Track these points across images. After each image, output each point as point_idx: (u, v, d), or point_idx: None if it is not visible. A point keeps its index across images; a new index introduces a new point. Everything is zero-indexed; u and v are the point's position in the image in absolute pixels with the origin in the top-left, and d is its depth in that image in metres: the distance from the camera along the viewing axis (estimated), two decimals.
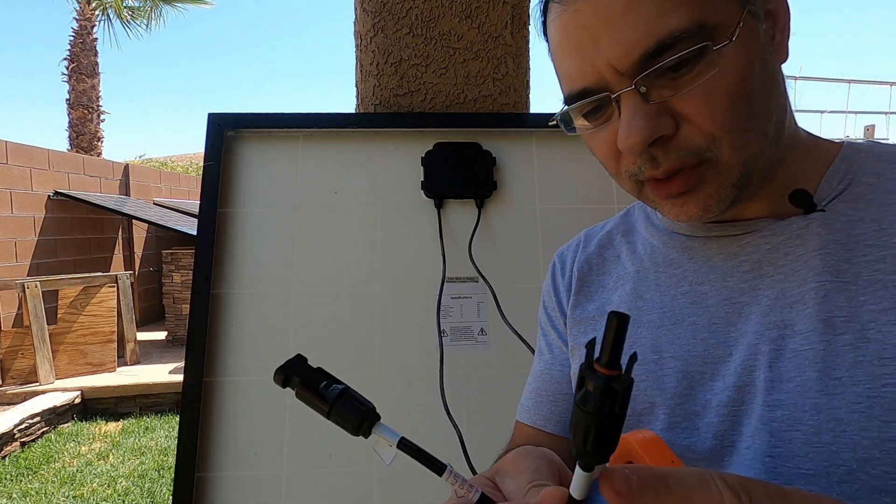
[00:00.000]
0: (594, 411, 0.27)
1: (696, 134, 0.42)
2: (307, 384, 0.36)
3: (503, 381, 1.06)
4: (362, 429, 0.35)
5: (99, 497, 3.04)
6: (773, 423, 0.42)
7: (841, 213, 0.45)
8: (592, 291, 0.59)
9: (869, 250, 0.43)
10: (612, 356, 0.27)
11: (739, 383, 0.44)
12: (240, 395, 1.03)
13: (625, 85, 0.42)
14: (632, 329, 0.53)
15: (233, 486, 1.00)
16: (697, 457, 0.45)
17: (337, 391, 0.36)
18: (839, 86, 6.00)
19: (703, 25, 0.40)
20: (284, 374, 0.36)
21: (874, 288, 0.41)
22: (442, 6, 1.15)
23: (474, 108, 1.18)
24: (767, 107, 0.43)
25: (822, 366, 0.41)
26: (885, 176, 0.45)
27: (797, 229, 0.46)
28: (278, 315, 1.07)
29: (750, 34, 0.42)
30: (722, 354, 0.46)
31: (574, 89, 0.45)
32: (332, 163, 1.13)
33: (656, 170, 0.44)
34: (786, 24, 0.46)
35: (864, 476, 0.38)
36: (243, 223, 1.10)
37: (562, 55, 0.46)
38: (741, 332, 0.46)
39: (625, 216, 0.62)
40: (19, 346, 4.27)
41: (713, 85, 0.41)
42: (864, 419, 0.39)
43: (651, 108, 0.42)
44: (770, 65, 0.44)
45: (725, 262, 0.49)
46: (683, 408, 0.47)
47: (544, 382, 0.62)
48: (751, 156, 0.43)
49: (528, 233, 1.12)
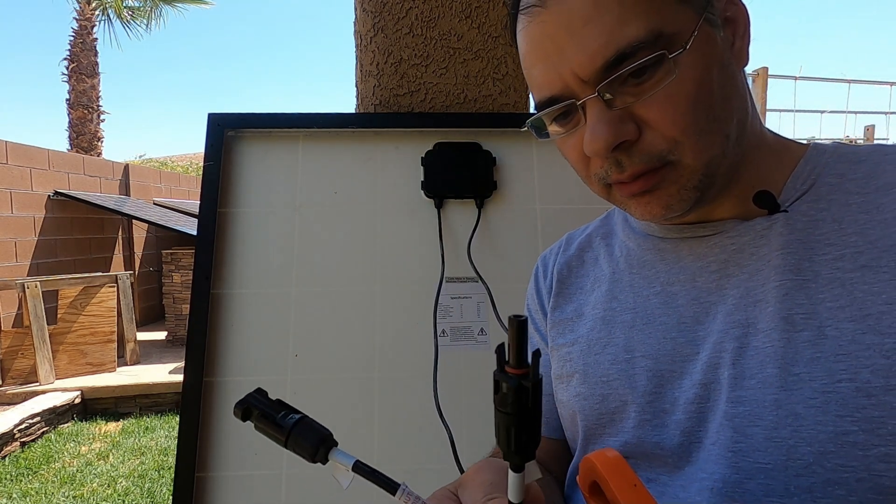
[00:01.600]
0: (512, 410, 0.29)
1: (658, 138, 0.44)
2: (265, 416, 0.36)
3: None
4: (318, 455, 0.36)
5: (99, 497, 3.04)
6: (735, 419, 0.43)
7: (803, 214, 0.46)
8: (571, 293, 0.61)
9: (829, 249, 0.44)
10: (517, 357, 0.29)
11: (705, 380, 0.46)
12: (240, 395, 1.02)
13: (588, 92, 0.44)
14: (606, 329, 0.54)
15: (233, 486, 1.00)
16: (666, 453, 0.47)
17: (293, 420, 0.36)
18: (839, 86, 5.99)
19: (660, 34, 0.41)
20: (243, 409, 0.37)
21: (832, 286, 0.43)
22: (442, 6, 1.15)
23: (474, 108, 1.18)
24: (728, 110, 0.45)
25: (782, 362, 0.42)
26: (847, 176, 0.47)
27: (761, 230, 0.47)
28: (278, 315, 1.07)
29: (707, 41, 0.43)
30: (690, 353, 0.48)
31: (543, 97, 0.47)
32: (332, 163, 1.13)
33: (622, 173, 0.45)
34: (745, 30, 0.47)
35: (820, 469, 0.40)
36: (243, 223, 1.10)
37: (530, 64, 0.47)
38: (708, 331, 0.47)
39: (605, 219, 0.64)
40: (19, 346, 4.27)
41: (672, 91, 0.42)
42: (820, 414, 0.40)
43: (614, 115, 0.43)
44: (729, 69, 0.45)
45: (695, 262, 0.50)
46: (653, 405, 0.49)
47: None
48: (712, 158, 0.44)
49: (527, 233, 1.12)
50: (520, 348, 0.29)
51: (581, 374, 0.55)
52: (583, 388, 0.54)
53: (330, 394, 1.04)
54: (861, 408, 0.39)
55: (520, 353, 0.29)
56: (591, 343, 0.55)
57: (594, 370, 0.53)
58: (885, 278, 0.41)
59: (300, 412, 0.36)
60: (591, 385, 0.53)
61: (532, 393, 0.29)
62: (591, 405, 0.53)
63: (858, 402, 0.39)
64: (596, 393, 0.53)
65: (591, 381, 0.53)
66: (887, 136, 7.27)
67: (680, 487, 0.45)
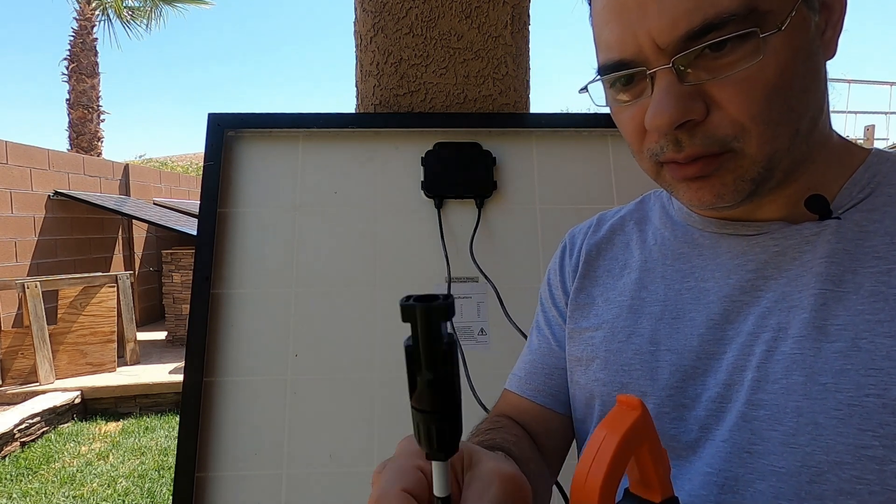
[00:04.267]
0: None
1: (725, 122, 0.41)
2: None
3: (503, 381, 1.06)
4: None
5: (99, 497, 3.04)
6: (754, 422, 0.43)
7: (855, 223, 0.44)
8: (598, 276, 0.59)
9: (877, 262, 0.42)
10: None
11: (729, 381, 0.45)
12: (240, 395, 1.03)
13: (663, 62, 0.41)
14: (633, 318, 0.53)
15: (233, 486, 1.00)
16: (682, 446, 0.47)
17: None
18: (839, 86, 5.99)
19: (754, 10, 0.38)
20: None
21: (874, 299, 0.41)
22: (442, 6, 1.15)
23: (474, 108, 1.18)
24: (804, 103, 0.42)
25: (810, 371, 0.41)
26: None
27: (809, 235, 0.45)
28: (278, 315, 1.07)
29: (801, 25, 0.40)
30: (716, 351, 0.47)
31: (610, 59, 0.44)
32: (332, 163, 1.13)
33: (678, 153, 0.43)
34: (839, 19, 0.44)
35: (834, 478, 0.39)
36: (243, 223, 1.10)
37: (604, 21, 0.44)
38: (737, 332, 0.46)
39: (640, 203, 0.62)
40: (19, 346, 4.27)
41: (752, 73, 0.39)
42: (841, 425, 0.39)
43: (684, 90, 0.41)
44: (815, 60, 0.42)
45: (732, 260, 0.49)
46: (673, 399, 0.48)
47: (541, 356, 0.62)
48: (777, 151, 0.42)
49: (528, 233, 1.12)
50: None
51: (602, 361, 0.54)
52: (602, 374, 0.53)
53: (330, 394, 1.04)
54: (885, 424, 0.38)
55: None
56: (616, 330, 0.54)
57: (616, 358, 0.52)
58: None
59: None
60: (612, 373, 0.52)
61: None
62: (610, 392, 0.52)
63: (884, 418, 0.38)
64: (616, 381, 0.52)
65: (612, 369, 0.52)
66: (887, 136, 7.26)
67: (686, 480, 0.45)
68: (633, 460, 0.34)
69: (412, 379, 0.29)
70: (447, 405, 0.29)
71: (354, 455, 1.02)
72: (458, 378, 0.29)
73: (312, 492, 1.01)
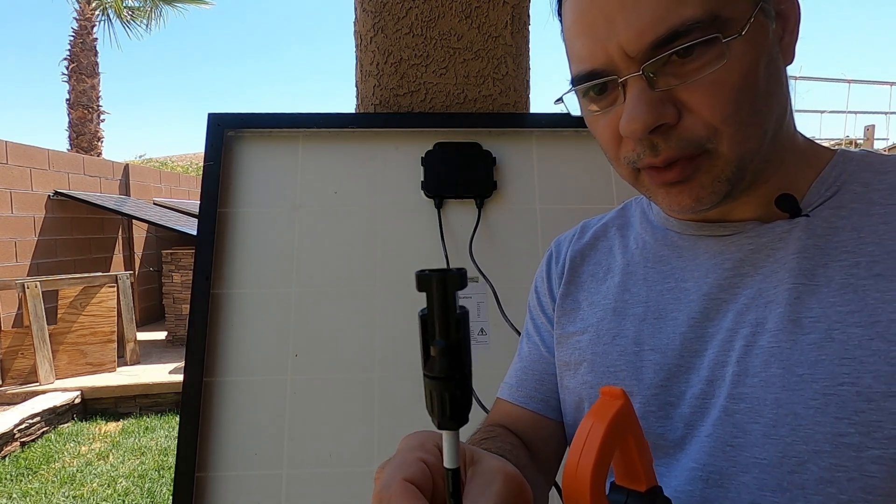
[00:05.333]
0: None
1: (698, 124, 0.43)
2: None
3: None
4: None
5: (99, 497, 3.04)
6: (736, 415, 0.44)
7: (824, 220, 0.47)
8: (583, 281, 0.61)
9: (846, 256, 0.44)
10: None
11: (711, 377, 0.47)
12: (240, 395, 1.03)
13: (633, 70, 0.43)
14: (617, 320, 0.55)
15: (233, 486, 1.00)
16: (668, 444, 0.48)
17: None
18: (839, 86, 5.99)
19: (717, 17, 0.40)
20: None
21: (845, 291, 0.43)
22: (442, 6, 1.15)
23: (474, 108, 1.18)
24: (769, 104, 0.44)
25: (787, 363, 0.43)
26: (872, 186, 0.47)
27: (781, 232, 0.47)
28: (278, 315, 1.07)
29: (760, 31, 0.43)
30: (698, 349, 0.48)
31: (583, 70, 0.46)
32: (332, 163, 1.13)
33: (655, 157, 0.45)
34: (795, 26, 0.47)
35: (814, 467, 0.41)
36: (243, 223, 1.10)
37: (574, 34, 0.46)
38: (717, 328, 0.48)
39: (622, 210, 0.64)
40: (19, 346, 4.27)
41: (719, 77, 0.41)
42: (819, 415, 0.41)
43: (656, 96, 0.42)
44: (775, 64, 0.45)
45: (709, 259, 0.51)
46: (659, 398, 0.49)
47: (532, 362, 0.64)
48: (748, 151, 0.44)
49: (527, 233, 1.12)
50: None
51: (589, 363, 0.55)
52: (590, 376, 0.54)
53: (330, 394, 1.04)
54: (860, 411, 0.40)
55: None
56: (601, 333, 0.55)
57: (602, 360, 0.54)
58: None
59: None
60: (599, 374, 0.54)
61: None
62: (598, 394, 0.53)
63: (858, 405, 0.40)
64: (603, 382, 0.53)
65: (599, 371, 0.54)
66: (887, 136, 7.26)
67: (674, 477, 0.47)
68: (618, 452, 0.34)
69: (426, 348, 0.30)
70: (459, 372, 0.29)
71: (354, 455, 1.02)
72: (469, 349, 0.30)
73: (312, 492, 1.01)
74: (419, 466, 0.33)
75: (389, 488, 0.32)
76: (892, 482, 0.39)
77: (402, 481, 0.32)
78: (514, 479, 0.34)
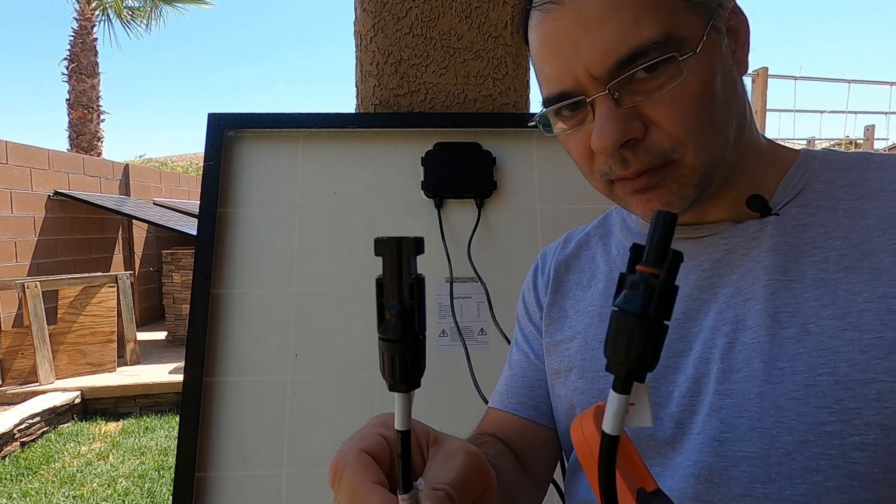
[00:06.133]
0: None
1: (663, 137, 0.46)
2: None
3: None
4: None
5: (99, 497, 3.04)
6: (722, 411, 0.46)
7: (793, 218, 0.49)
8: (568, 290, 0.63)
9: (815, 251, 0.47)
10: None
11: (696, 375, 0.48)
12: (240, 395, 1.03)
13: (599, 90, 0.45)
14: (603, 325, 0.56)
15: (233, 486, 1.00)
16: (659, 444, 0.49)
17: None
18: (839, 86, 5.98)
19: (672, 37, 0.43)
20: None
21: (817, 286, 0.45)
22: (442, 6, 1.15)
23: (474, 108, 1.18)
24: (728, 114, 0.47)
25: (768, 357, 0.45)
26: (834, 183, 0.50)
27: (753, 232, 0.50)
28: (278, 315, 1.07)
29: (713, 47, 0.46)
30: (683, 349, 0.50)
31: (552, 92, 0.48)
32: (332, 163, 1.13)
33: (626, 170, 0.47)
34: (745, 38, 0.50)
35: (800, 457, 0.42)
36: (243, 223, 1.10)
37: (542, 59, 0.49)
38: (700, 328, 0.50)
39: (603, 220, 0.66)
40: (19, 346, 4.27)
41: (679, 92, 0.44)
42: (801, 405, 0.43)
43: (622, 112, 0.45)
44: (731, 76, 0.48)
45: (688, 261, 0.52)
46: None
47: (521, 369, 0.65)
48: (712, 158, 0.47)
49: (527, 233, 1.12)
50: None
51: (579, 370, 0.56)
52: (581, 382, 0.56)
53: (330, 394, 1.04)
54: (839, 400, 0.41)
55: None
56: (589, 339, 0.57)
57: (591, 365, 0.55)
58: (865, 279, 0.44)
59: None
60: (589, 380, 0.55)
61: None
62: (589, 399, 0.55)
63: (837, 394, 0.42)
64: (593, 388, 0.55)
65: (589, 377, 0.55)
66: (887, 136, 7.26)
67: (668, 476, 0.48)
68: (624, 457, 0.35)
69: (381, 311, 0.31)
70: (411, 336, 0.30)
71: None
72: (423, 314, 0.31)
73: (312, 492, 1.01)
74: (377, 440, 0.35)
75: (345, 457, 0.33)
76: (876, 467, 0.40)
77: (358, 451, 0.34)
78: (475, 456, 0.35)
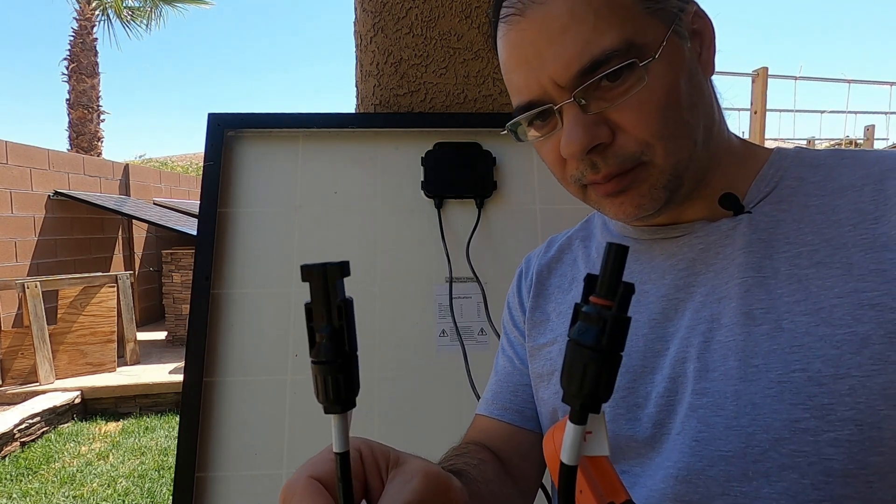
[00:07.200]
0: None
1: (630, 141, 0.46)
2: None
3: None
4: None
5: (99, 497, 3.04)
6: (700, 410, 0.46)
7: (766, 215, 0.49)
8: (550, 293, 0.63)
9: (788, 247, 0.47)
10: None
11: (673, 374, 0.48)
12: (240, 395, 1.03)
13: (565, 97, 0.46)
14: None
15: (233, 486, 1.00)
16: (639, 445, 0.49)
17: None
18: (839, 86, 5.98)
19: (632, 44, 0.44)
20: None
21: (790, 282, 0.45)
22: (442, 6, 1.15)
23: (474, 108, 1.18)
24: (695, 116, 0.48)
25: (743, 355, 0.45)
26: (806, 180, 0.50)
27: (727, 230, 0.50)
28: (278, 315, 1.07)
29: (675, 51, 0.46)
30: (660, 349, 0.50)
31: (522, 101, 0.50)
32: (332, 163, 1.13)
33: (597, 174, 0.48)
34: (711, 42, 0.50)
35: (776, 455, 0.42)
36: (243, 223, 1.10)
37: (510, 69, 0.50)
38: (677, 327, 0.50)
39: (585, 223, 0.67)
40: (19, 346, 4.27)
41: (643, 97, 0.45)
42: (776, 403, 0.43)
43: (589, 119, 0.46)
44: (696, 78, 0.48)
45: (665, 261, 0.53)
46: (626, 401, 0.51)
47: (506, 375, 0.65)
48: (680, 160, 0.47)
49: (527, 233, 1.12)
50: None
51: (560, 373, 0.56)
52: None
53: None
54: (813, 396, 0.41)
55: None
56: None
57: None
58: (836, 274, 0.44)
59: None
60: None
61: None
62: None
63: (810, 390, 0.42)
64: None
65: None
66: (887, 136, 7.26)
67: (649, 477, 0.48)
68: (594, 469, 0.34)
69: (311, 335, 0.31)
70: (342, 357, 0.31)
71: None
72: (353, 336, 0.31)
73: None
74: (329, 466, 0.34)
75: (295, 485, 0.33)
76: (851, 463, 0.40)
77: (307, 478, 0.33)
78: (435, 477, 0.35)
